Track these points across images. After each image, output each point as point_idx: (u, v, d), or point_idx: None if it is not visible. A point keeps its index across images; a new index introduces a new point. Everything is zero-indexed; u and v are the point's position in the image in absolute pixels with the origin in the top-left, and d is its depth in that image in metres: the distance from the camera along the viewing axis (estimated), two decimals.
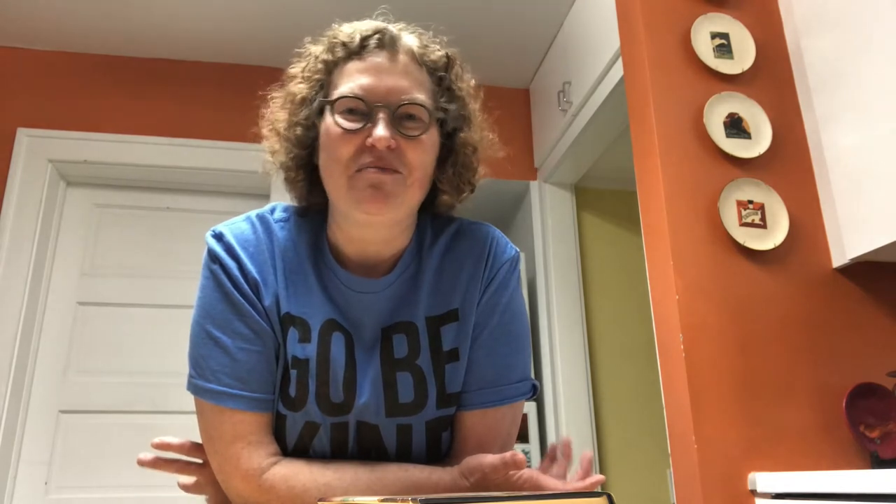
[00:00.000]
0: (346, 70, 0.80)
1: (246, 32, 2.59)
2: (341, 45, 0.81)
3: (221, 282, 0.80)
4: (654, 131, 1.63)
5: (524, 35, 2.64)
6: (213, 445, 0.78)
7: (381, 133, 0.75)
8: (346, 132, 0.77)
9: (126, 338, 2.50)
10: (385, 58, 0.80)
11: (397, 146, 0.77)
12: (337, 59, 0.82)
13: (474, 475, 0.75)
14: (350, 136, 0.77)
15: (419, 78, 0.81)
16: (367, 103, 0.77)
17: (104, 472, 2.36)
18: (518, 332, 0.87)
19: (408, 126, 0.78)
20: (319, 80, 0.83)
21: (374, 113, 0.77)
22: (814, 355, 1.51)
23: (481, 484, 0.75)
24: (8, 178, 2.46)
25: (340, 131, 0.77)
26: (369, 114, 0.77)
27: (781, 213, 1.58)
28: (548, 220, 2.78)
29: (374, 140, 0.75)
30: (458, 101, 0.85)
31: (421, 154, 0.79)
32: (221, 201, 2.72)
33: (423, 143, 0.79)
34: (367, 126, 0.77)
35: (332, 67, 0.82)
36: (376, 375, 0.81)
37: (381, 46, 0.80)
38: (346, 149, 0.77)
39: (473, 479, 0.75)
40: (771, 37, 1.76)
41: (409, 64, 0.81)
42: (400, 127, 0.78)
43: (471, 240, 0.88)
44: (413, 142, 0.78)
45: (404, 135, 0.77)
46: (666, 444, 1.53)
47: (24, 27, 2.53)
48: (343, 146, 0.77)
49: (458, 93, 0.86)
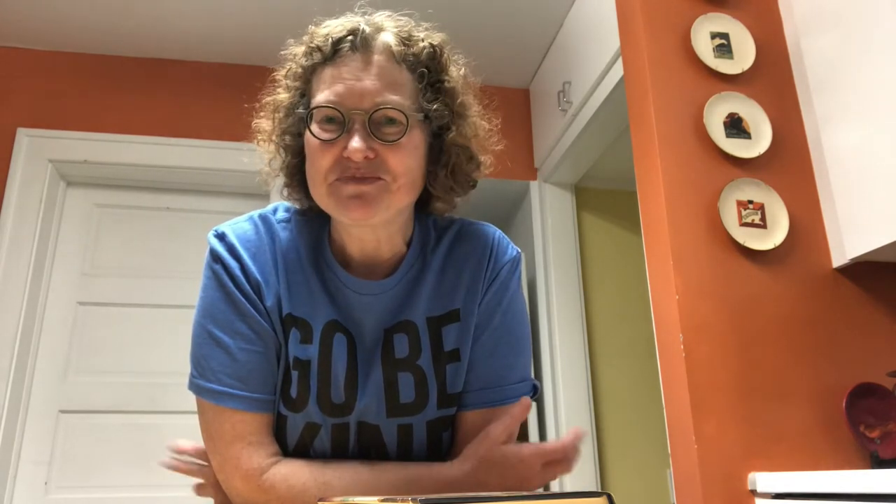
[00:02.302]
0: (322, 77, 0.78)
1: (246, 32, 2.59)
2: (317, 50, 0.79)
3: (223, 282, 0.80)
4: (654, 131, 1.63)
5: (524, 35, 2.64)
6: (214, 445, 0.78)
7: (355, 145, 0.73)
8: (323, 143, 0.75)
9: (126, 338, 2.50)
10: (359, 61, 0.77)
11: (376, 154, 0.75)
12: (314, 64, 0.79)
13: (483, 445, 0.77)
14: (327, 147, 0.75)
15: (397, 78, 0.77)
16: (342, 111, 0.75)
17: (104, 472, 2.35)
18: (519, 332, 0.87)
19: (386, 132, 0.75)
20: (299, 88, 0.81)
21: (350, 121, 0.75)
22: (814, 355, 1.51)
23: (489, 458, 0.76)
24: (8, 178, 2.46)
25: (318, 142, 0.76)
26: (344, 122, 0.75)
27: (781, 213, 1.59)
28: (548, 220, 2.78)
29: (349, 152, 0.73)
30: (445, 96, 0.81)
31: (403, 158, 0.76)
32: (221, 201, 2.72)
33: (404, 148, 0.76)
34: (344, 135, 0.75)
35: (310, 73, 0.80)
36: (377, 376, 0.81)
37: (355, 49, 0.77)
38: (324, 160, 0.75)
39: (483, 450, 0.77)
40: (771, 37, 1.76)
41: (385, 64, 0.77)
42: (378, 133, 0.75)
43: (473, 240, 0.88)
44: (392, 147, 0.75)
45: (383, 140, 0.75)
46: (666, 444, 1.53)
47: (24, 27, 2.53)
48: (321, 157, 0.76)
49: (446, 85, 0.82)
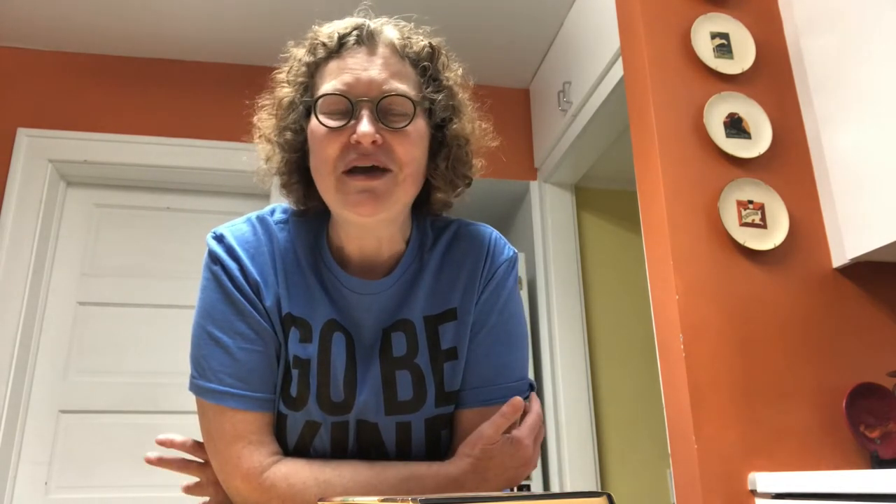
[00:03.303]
0: (327, 70, 0.80)
1: (246, 32, 2.59)
2: (321, 46, 0.81)
3: (222, 282, 0.80)
4: (654, 131, 1.63)
5: (524, 35, 2.64)
6: (214, 445, 0.78)
7: (364, 129, 0.74)
8: (331, 130, 0.76)
9: (126, 338, 2.50)
10: (364, 52, 0.78)
11: (384, 141, 0.76)
12: (318, 59, 0.81)
13: (477, 446, 0.77)
14: (334, 135, 0.76)
15: (401, 70, 0.79)
16: (349, 99, 0.76)
17: (104, 472, 2.36)
18: (515, 331, 0.87)
19: (392, 119, 0.76)
20: (303, 82, 0.82)
21: (357, 108, 0.76)
22: (814, 355, 1.51)
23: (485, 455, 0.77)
24: (8, 178, 2.46)
25: (325, 130, 0.76)
26: (352, 110, 0.76)
27: (781, 213, 1.59)
28: (548, 220, 2.78)
29: (359, 136, 0.74)
30: (445, 91, 0.83)
31: (409, 147, 0.77)
32: (221, 201, 2.72)
33: (411, 135, 0.77)
34: (351, 123, 0.76)
35: (314, 69, 0.81)
36: (376, 374, 0.82)
37: (360, 42, 0.79)
38: (331, 148, 0.76)
39: (478, 450, 0.77)
40: (771, 37, 1.76)
41: (390, 57, 0.79)
42: (385, 121, 0.76)
43: (470, 240, 0.88)
44: (399, 134, 0.76)
45: (390, 128, 0.76)
46: (666, 444, 1.53)
47: (24, 27, 2.53)
48: (328, 145, 0.76)
49: (446, 82, 0.84)
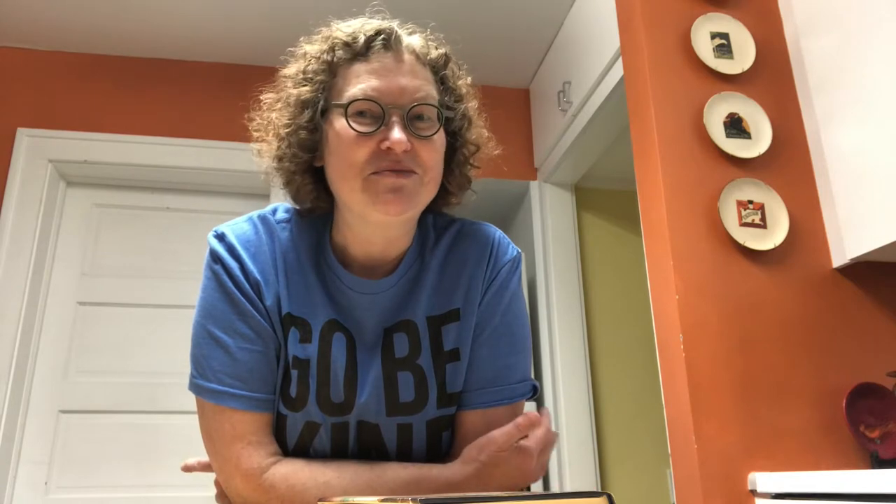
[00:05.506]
0: (352, 71, 0.79)
1: (246, 32, 2.59)
2: (344, 46, 0.80)
3: (223, 282, 0.80)
4: (654, 131, 1.63)
5: (524, 35, 2.64)
6: (214, 445, 0.78)
7: (397, 136, 0.75)
8: (361, 135, 0.76)
9: (126, 338, 2.50)
10: (392, 58, 0.79)
11: (412, 148, 0.77)
12: (340, 59, 0.80)
13: (485, 451, 0.76)
14: (364, 140, 0.76)
15: (426, 77, 0.81)
16: (381, 105, 0.77)
17: (104, 472, 2.35)
18: (519, 332, 0.87)
19: (420, 126, 0.78)
20: (322, 81, 0.81)
21: (388, 115, 0.77)
22: (814, 355, 1.51)
23: (492, 462, 0.76)
24: (8, 178, 2.46)
25: (354, 134, 0.76)
26: (382, 116, 0.77)
27: (781, 213, 1.58)
28: (548, 220, 2.78)
29: (392, 143, 0.75)
30: (462, 100, 0.86)
31: (434, 154, 0.79)
32: (221, 201, 2.72)
33: (435, 143, 0.79)
34: (381, 129, 0.76)
35: (336, 69, 0.81)
36: (377, 375, 0.81)
37: (387, 47, 0.79)
38: (360, 152, 0.76)
39: (485, 456, 0.76)
40: (771, 37, 1.76)
41: (415, 64, 0.80)
42: (412, 128, 0.77)
43: (473, 240, 0.88)
44: (426, 142, 0.78)
45: (417, 135, 0.77)
46: (666, 444, 1.53)
47: (24, 27, 2.53)
48: (358, 150, 0.76)
49: (459, 91, 0.86)
